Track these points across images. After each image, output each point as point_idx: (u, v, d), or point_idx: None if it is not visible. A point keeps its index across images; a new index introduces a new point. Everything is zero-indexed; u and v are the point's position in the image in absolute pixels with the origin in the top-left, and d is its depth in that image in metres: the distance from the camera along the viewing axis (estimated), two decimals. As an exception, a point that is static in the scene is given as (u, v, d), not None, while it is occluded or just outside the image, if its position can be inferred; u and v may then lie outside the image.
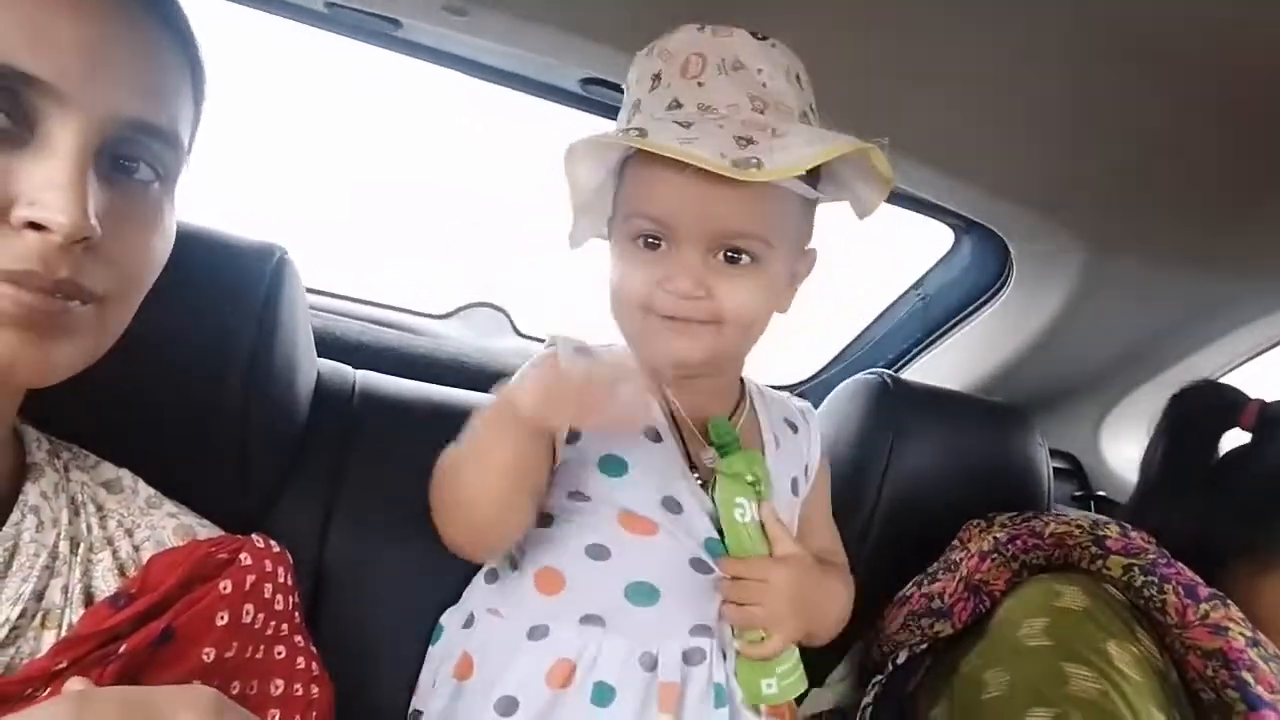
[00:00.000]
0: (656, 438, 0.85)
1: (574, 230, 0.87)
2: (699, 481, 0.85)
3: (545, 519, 0.84)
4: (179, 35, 0.60)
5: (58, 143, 0.51)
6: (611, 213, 0.85)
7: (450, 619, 0.91)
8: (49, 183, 0.50)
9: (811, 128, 0.78)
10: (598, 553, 0.82)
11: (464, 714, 0.83)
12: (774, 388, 1.02)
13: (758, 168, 0.67)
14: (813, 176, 0.78)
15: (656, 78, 0.79)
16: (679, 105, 0.77)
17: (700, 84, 0.76)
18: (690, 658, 0.81)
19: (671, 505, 0.83)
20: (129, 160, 0.56)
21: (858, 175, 0.80)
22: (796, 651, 0.84)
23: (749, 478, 0.83)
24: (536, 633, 0.82)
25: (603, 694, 0.79)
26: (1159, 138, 0.99)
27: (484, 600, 0.88)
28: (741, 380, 0.96)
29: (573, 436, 0.83)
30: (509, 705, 0.79)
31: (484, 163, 1.71)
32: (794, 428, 0.97)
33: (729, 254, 0.78)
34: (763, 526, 0.83)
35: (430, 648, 0.91)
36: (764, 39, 0.78)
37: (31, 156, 0.51)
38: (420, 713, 0.88)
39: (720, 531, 0.83)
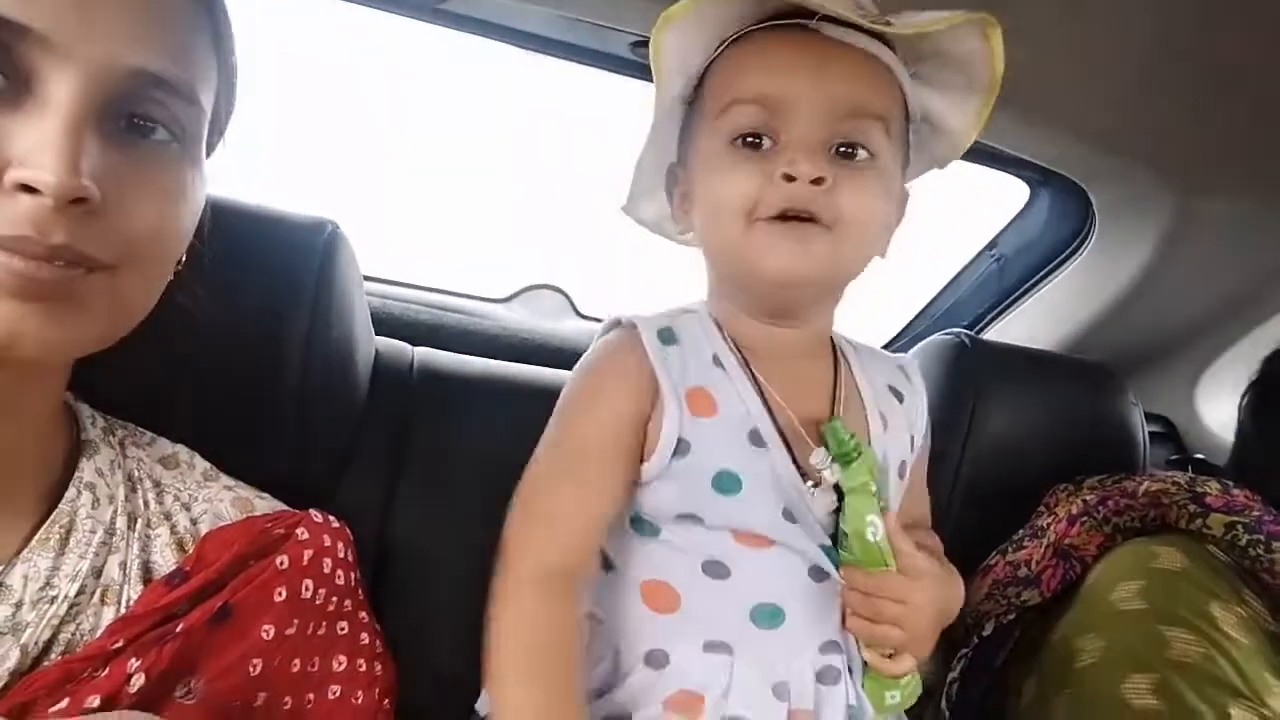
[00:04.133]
0: (759, 441, 0.75)
1: (644, 150, 0.81)
2: (811, 485, 0.75)
3: (650, 529, 0.77)
4: None
5: (52, 100, 0.48)
6: (693, 123, 0.78)
7: None
8: (40, 143, 0.47)
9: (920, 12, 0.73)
10: (716, 570, 0.75)
11: None
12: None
13: (888, 26, 0.66)
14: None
15: None
16: None
17: None
18: (824, 677, 0.75)
19: (788, 517, 0.75)
20: (145, 120, 0.53)
21: (951, 104, 0.78)
22: None
23: (872, 487, 0.74)
24: (654, 659, 0.75)
25: None
26: (1251, 64, 0.92)
27: None
28: (832, 341, 0.86)
29: (682, 449, 0.74)
30: None
31: (541, 144, 1.71)
32: (899, 396, 0.88)
33: (844, 149, 0.71)
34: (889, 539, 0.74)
35: None
36: None
37: (26, 116, 0.48)
38: None
39: (833, 538, 0.76)
